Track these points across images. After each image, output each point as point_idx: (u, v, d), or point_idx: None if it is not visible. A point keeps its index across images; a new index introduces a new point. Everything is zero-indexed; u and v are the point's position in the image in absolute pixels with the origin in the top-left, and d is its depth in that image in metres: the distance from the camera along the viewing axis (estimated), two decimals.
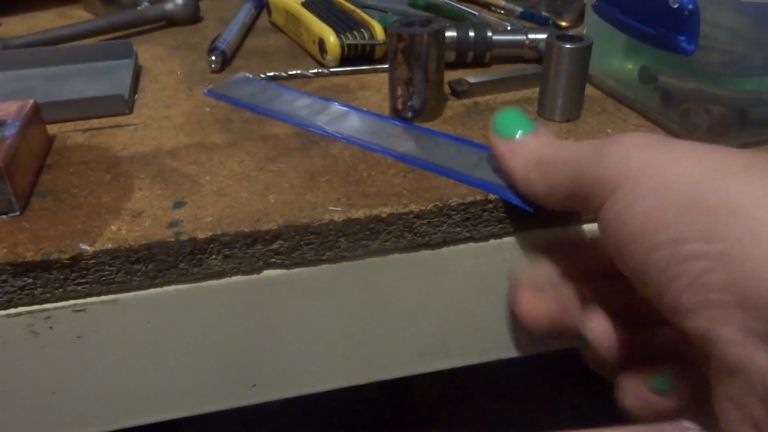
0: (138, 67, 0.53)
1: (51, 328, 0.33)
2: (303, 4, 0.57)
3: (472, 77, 0.47)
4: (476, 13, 0.60)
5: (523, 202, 0.34)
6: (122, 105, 0.45)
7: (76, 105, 0.45)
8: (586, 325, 0.32)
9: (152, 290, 0.34)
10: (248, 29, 0.61)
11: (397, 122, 0.39)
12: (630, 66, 0.47)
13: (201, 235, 0.33)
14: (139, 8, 0.63)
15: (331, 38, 0.50)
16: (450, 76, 0.48)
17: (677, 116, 0.41)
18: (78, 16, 0.68)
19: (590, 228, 0.38)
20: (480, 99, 0.47)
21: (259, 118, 0.45)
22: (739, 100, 0.41)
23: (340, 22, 0.53)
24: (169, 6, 0.63)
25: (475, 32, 0.50)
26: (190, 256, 0.33)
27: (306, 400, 0.40)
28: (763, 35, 0.41)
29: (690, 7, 0.36)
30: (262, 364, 0.38)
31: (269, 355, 0.37)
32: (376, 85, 0.49)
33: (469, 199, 0.35)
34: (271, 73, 0.50)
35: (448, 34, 0.50)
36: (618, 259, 0.25)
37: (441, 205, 0.35)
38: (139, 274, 0.33)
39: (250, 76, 0.50)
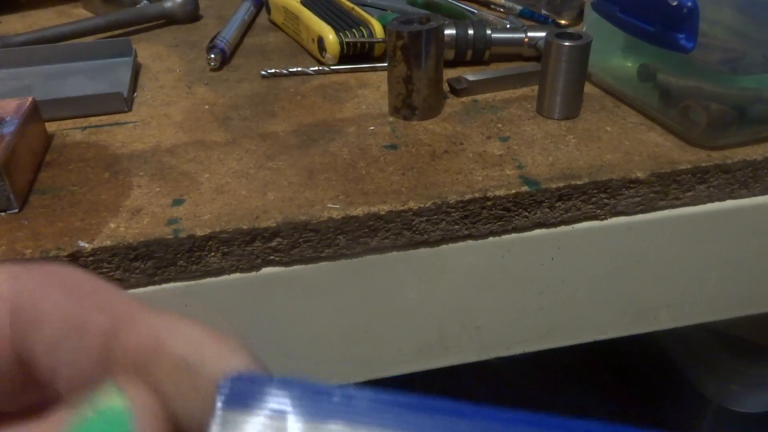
0: (137, 65, 0.53)
1: None
2: (302, 3, 0.57)
3: (471, 75, 0.47)
4: (475, 11, 0.60)
5: None
6: (121, 103, 0.45)
7: (75, 103, 0.45)
8: None
9: (151, 287, 0.34)
10: (247, 27, 0.61)
11: None
12: (629, 64, 0.47)
13: (200, 233, 0.33)
14: (138, 6, 0.63)
15: (330, 36, 0.50)
16: (449, 74, 0.48)
17: (676, 114, 0.41)
18: (77, 14, 0.68)
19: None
20: (479, 97, 0.47)
21: (258, 115, 0.45)
22: (737, 97, 0.41)
23: (339, 20, 0.53)
24: (168, 4, 0.63)
25: (474, 30, 0.50)
26: (188, 253, 0.33)
27: None
28: (761, 33, 0.41)
29: (689, 4, 0.36)
30: None
31: (267, 353, 0.37)
32: (375, 83, 0.49)
33: (468, 196, 0.35)
34: (272, 71, 0.50)
35: (447, 32, 0.50)
36: None
37: (440, 202, 0.35)
38: (137, 271, 0.33)
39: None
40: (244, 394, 0.13)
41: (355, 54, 0.52)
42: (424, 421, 0.13)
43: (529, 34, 0.51)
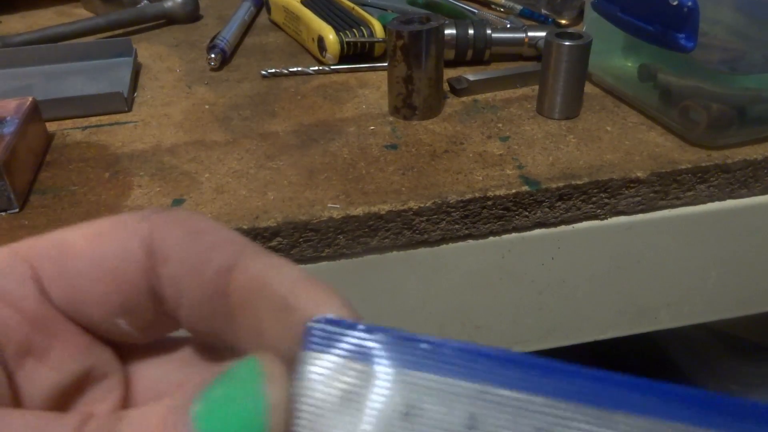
0: (137, 65, 0.53)
1: None
2: (302, 2, 0.57)
3: (471, 75, 0.47)
4: (476, 10, 0.60)
5: None
6: (121, 102, 0.45)
7: (75, 102, 0.45)
8: None
9: None
10: (247, 27, 0.61)
11: None
12: (629, 64, 0.47)
13: None
14: (138, 6, 0.63)
15: (331, 36, 0.50)
16: (449, 73, 0.48)
17: (676, 114, 0.41)
18: (77, 14, 0.68)
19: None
20: (479, 97, 0.47)
21: (259, 115, 0.45)
22: (738, 97, 0.41)
23: (340, 20, 0.53)
24: (168, 4, 0.63)
25: (474, 30, 0.50)
26: None
27: None
28: (761, 33, 0.41)
29: (689, 4, 0.36)
30: None
31: None
32: (375, 83, 0.49)
33: (468, 196, 0.35)
34: (272, 70, 0.50)
35: (448, 31, 0.50)
36: None
37: (440, 202, 0.35)
38: None
39: None
40: (331, 337, 0.13)
41: (356, 54, 0.52)
42: (513, 374, 0.13)
43: (530, 33, 0.51)
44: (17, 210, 0.35)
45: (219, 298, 0.15)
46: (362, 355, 0.13)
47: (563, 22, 0.59)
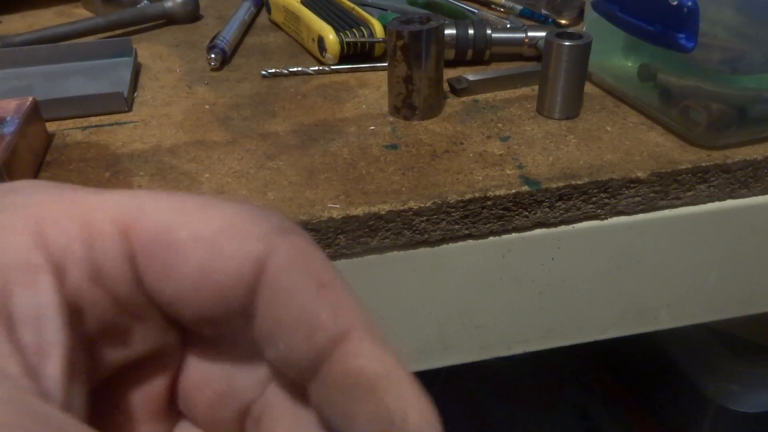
0: (137, 65, 0.53)
1: None
2: (302, 2, 0.57)
3: (471, 75, 0.47)
4: (476, 11, 0.60)
5: None
6: (122, 103, 0.45)
7: (75, 102, 0.45)
8: None
9: None
10: (248, 27, 0.61)
11: None
12: (629, 64, 0.47)
13: None
14: (138, 6, 0.63)
15: (331, 36, 0.50)
16: (449, 73, 0.48)
17: (676, 114, 0.41)
18: (78, 14, 0.68)
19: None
20: (479, 97, 0.47)
21: (259, 115, 0.45)
22: (738, 97, 0.41)
23: (340, 20, 0.53)
24: (168, 4, 0.63)
25: (474, 30, 0.50)
26: None
27: None
28: (761, 33, 0.41)
29: (689, 4, 0.36)
30: None
31: None
32: (375, 83, 0.49)
33: (468, 196, 0.35)
34: (272, 70, 0.51)
35: (448, 31, 0.50)
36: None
37: (440, 202, 0.35)
38: None
39: None
40: None
41: (356, 54, 0.52)
42: None
43: (530, 33, 0.51)
44: None
45: (315, 358, 0.14)
46: None
47: (563, 22, 0.59)
